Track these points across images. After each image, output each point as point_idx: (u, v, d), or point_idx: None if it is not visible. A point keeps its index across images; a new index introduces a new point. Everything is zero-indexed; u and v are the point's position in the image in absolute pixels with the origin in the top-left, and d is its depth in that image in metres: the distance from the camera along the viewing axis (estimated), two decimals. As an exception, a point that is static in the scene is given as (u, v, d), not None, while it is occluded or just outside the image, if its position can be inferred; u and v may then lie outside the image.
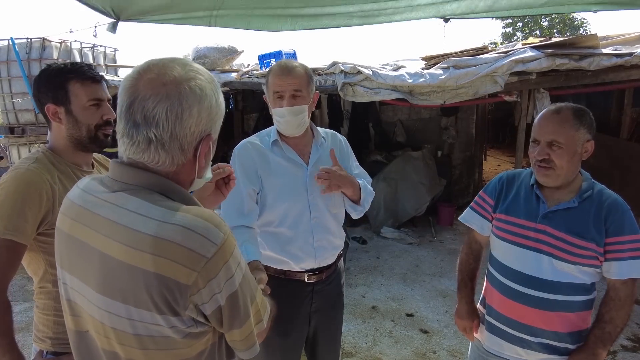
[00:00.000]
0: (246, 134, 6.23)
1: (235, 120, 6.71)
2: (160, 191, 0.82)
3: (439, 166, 6.03)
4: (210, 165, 0.96)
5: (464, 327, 1.70)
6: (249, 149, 1.67)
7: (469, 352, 1.77)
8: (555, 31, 19.97)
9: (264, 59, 4.94)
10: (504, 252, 1.55)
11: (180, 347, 0.81)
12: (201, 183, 0.93)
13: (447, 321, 3.43)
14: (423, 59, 4.65)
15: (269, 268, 1.63)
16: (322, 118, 6.09)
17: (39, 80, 1.36)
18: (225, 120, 0.95)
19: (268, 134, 1.71)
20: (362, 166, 1.91)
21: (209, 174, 0.93)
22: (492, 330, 1.58)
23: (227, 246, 0.80)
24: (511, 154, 8.85)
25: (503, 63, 3.82)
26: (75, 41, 4.79)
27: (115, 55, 5.42)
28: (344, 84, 4.17)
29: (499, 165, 9.67)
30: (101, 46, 5.10)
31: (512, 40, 19.61)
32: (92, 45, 4.96)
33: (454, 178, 6.51)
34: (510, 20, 21.04)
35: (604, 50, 3.88)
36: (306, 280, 1.71)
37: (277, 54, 4.85)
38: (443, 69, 4.07)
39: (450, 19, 2.62)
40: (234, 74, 4.83)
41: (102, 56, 5.12)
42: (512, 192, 1.58)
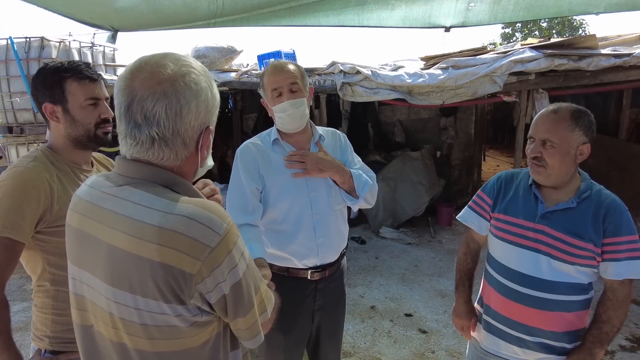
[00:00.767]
0: (245, 134, 6.22)
1: (234, 120, 6.70)
2: (164, 184, 0.84)
3: (438, 166, 6.02)
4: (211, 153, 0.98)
5: (462, 326, 1.71)
6: (250, 149, 1.70)
7: (466, 351, 1.77)
8: (554, 32, 20.01)
9: (263, 58, 4.92)
10: (502, 251, 1.56)
11: (185, 336, 0.83)
12: (204, 171, 0.96)
13: (446, 321, 3.43)
14: (422, 59, 4.65)
15: (272, 265, 1.64)
16: (321, 118, 6.10)
17: (36, 78, 1.36)
18: (225, 120, 0.96)
19: (268, 134, 1.75)
20: (361, 166, 1.91)
21: (210, 162, 0.96)
22: (490, 329, 1.59)
23: (230, 236, 0.82)
24: (510, 154, 8.86)
25: (502, 63, 3.83)
26: (75, 41, 4.77)
27: (114, 55, 5.40)
28: (343, 84, 4.17)
29: (498, 166, 9.67)
30: (100, 46, 5.09)
31: (511, 40, 19.61)
32: (91, 45, 4.95)
33: (453, 178, 6.51)
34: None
35: (603, 51, 3.89)
36: (309, 278, 1.72)
37: (277, 54, 4.83)
38: (442, 69, 4.08)
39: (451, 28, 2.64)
40: (233, 74, 4.82)
41: (101, 56, 5.11)
42: (510, 191, 1.58)
